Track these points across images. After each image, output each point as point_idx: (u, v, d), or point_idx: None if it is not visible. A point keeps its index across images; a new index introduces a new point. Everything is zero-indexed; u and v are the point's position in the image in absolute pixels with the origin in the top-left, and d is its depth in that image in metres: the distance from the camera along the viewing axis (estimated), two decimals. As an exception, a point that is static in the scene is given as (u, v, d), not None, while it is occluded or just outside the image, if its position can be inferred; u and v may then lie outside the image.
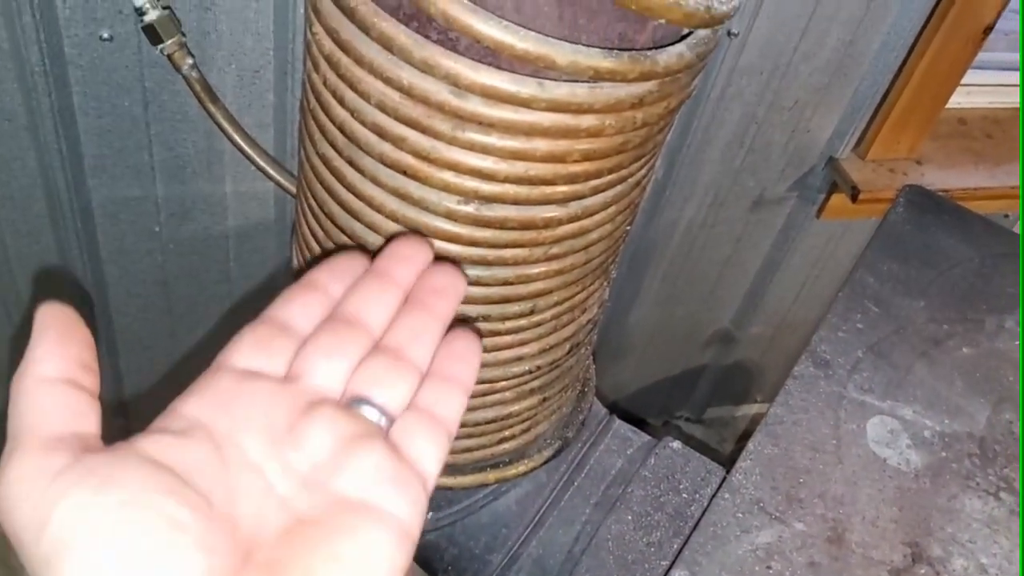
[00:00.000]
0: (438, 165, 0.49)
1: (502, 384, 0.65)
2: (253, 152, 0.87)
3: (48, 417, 0.28)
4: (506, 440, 0.71)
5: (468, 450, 0.69)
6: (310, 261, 0.63)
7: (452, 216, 0.52)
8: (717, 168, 1.31)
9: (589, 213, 0.54)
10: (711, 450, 0.76)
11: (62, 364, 0.29)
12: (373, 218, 0.54)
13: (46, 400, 0.28)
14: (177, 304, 1.26)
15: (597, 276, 0.62)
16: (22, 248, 1.11)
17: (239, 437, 0.30)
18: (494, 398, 0.66)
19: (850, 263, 1.56)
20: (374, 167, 0.52)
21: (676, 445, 0.76)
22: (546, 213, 0.52)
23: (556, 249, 0.55)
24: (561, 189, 0.50)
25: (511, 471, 0.72)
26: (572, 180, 0.50)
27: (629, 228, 0.61)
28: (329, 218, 0.57)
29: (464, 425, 0.67)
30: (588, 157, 0.49)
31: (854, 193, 1.29)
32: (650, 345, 1.68)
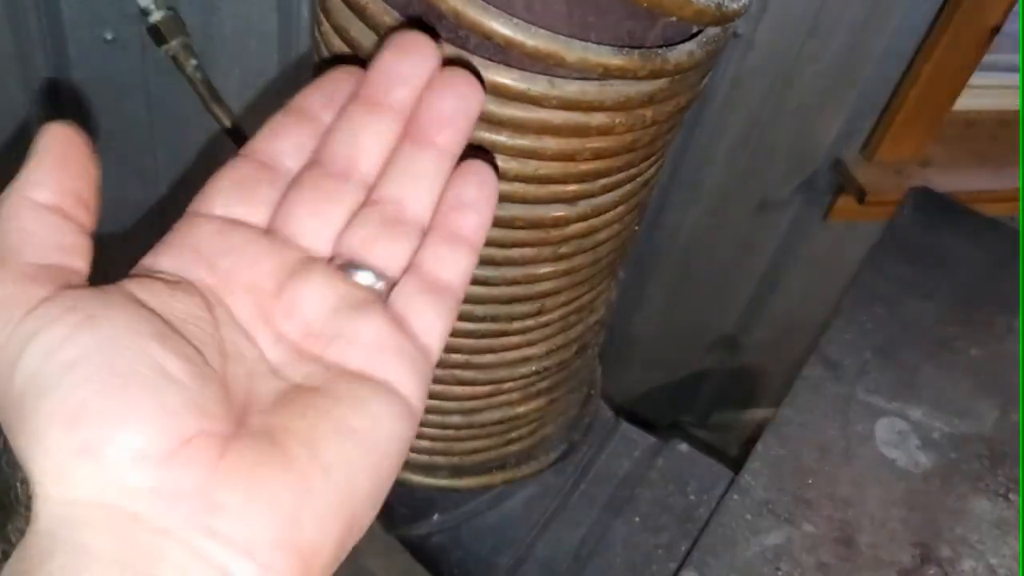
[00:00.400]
0: (447, 164, 0.49)
1: (509, 385, 0.65)
2: (258, 154, 0.87)
3: (33, 243, 0.25)
4: (513, 442, 0.70)
5: (475, 451, 0.69)
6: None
7: (460, 215, 0.52)
8: (722, 171, 1.31)
9: (598, 212, 0.53)
10: (718, 452, 0.76)
11: (57, 191, 0.26)
12: (380, 218, 0.54)
13: (33, 225, 0.25)
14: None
15: (605, 276, 0.62)
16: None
17: (224, 296, 0.27)
18: (501, 399, 0.66)
19: (855, 267, 1.55)
20: (382, 166, 0.51)
21: (683, 447, 0.75)
22: (555, 212, 0.52)
23: (565, 249, 0.55)
24: (571, 188, 0.50)
25: (518, 472, 0.72)
26: (582, 179, 0.50)
27: (638, 228, 0.61)
28: (336, 218, 0.57)
29: (470, 426, 0.67)
30: (598, 155, 0.48)
31: (860, 195, 1.29)
32: (654, 350, 1.67)
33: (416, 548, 0.76)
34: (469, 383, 0.63)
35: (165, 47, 0.83)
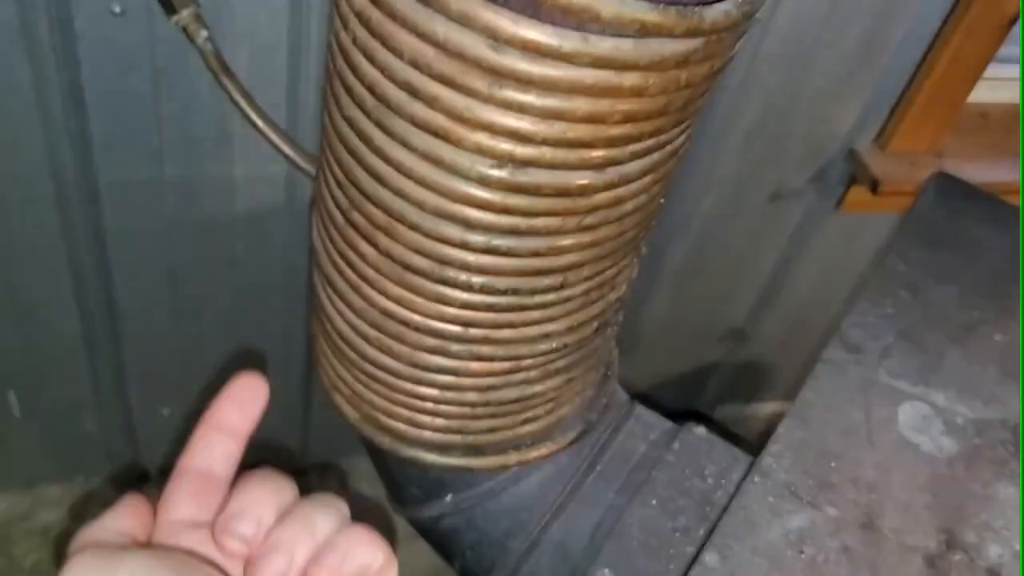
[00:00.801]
0: (472, 126, 0.47)
1: (528, 362, 0.63)
2: (267, 128, 0.86)
3: (101, 534, 0.33)
4: (529, 421, 0.69)
5: (490, 430, 0.67)
6: (331, 233, 0.61)
7: (485, 181, 0.50)
8: (735, 159, 1.29)
9: (626, 181, 0.52)
10: (736, 436, 0.74)
11: (123, 528, 0.34)
12: (401, 184, 0.52)
13: (102, 532, 0.34)
14: (184, 290, 1.24)
15: (628, 251, 0.60)
16: (26, 230, 1.09)
17: None
18: (519, 377, 0.64)
19: (867, 259, 1.54)
20: (404, 129, 0.50)
21: (700, 431, 0.74)
22: (582, 180, 0.50)
23: (590, 219, 0.53)
24: (599, 153, 0.49)
25: (533, 453, 0.71)
26: (611, 143, 0.48)
27: (663, 201, 0.59)
28: (355, 185, 0.55)
29: (487, 404, 0.66)
30: (629, 119, 0.47)
31: (874, 186, 1.28)
32: (661, 341, 1.66)
33: (427, 530, 0.74)
34: (487, 359, 0.61)
35: (175, 17, 0.81)
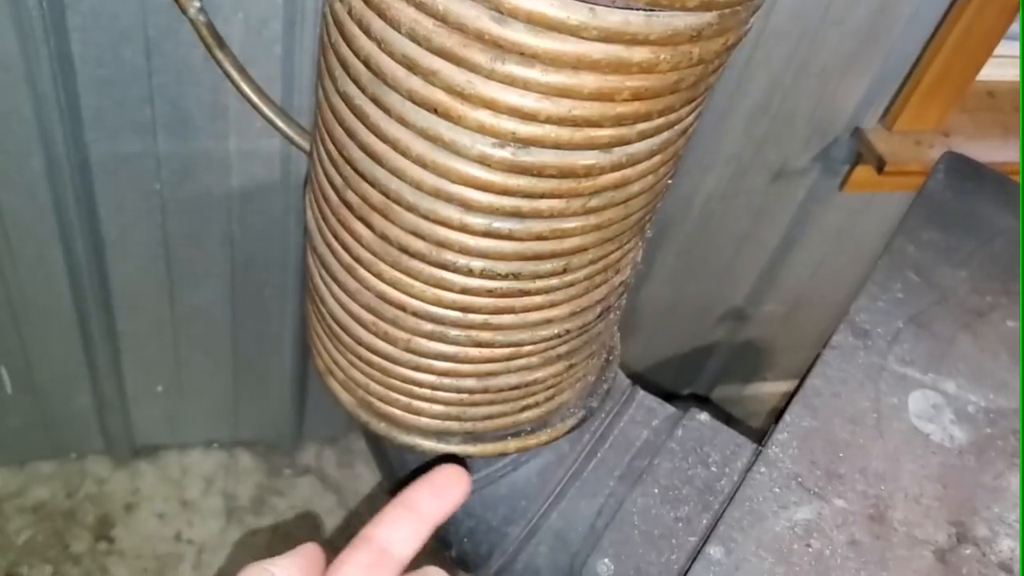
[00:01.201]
0: (473, 103, 0.45)
1: (528, 348, 0.61)
2: (261, 103, 0.83)
3: None
4: (529, 408, 0.67)
5: (489, 417, 0.66)
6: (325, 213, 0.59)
7: (485, 161, 0.48)
8: (739, 137, 1.27)
9: (633, 162, 0.50)
10: (739, 422, 0.73)
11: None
12: (398, 163, 0.50)
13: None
14: (177, 267, 1.22)
15: (634, 234, 0.58)
16: (17, 204, 1.07)
17: None
18: (519, 363, 0.62)
19: (870, 240, 1.52)
20: (401, 105, 0.47)
21: (704, 417, 0.72)
22: (588, 160, 0.48)
23: (595, 201, 0.51)
24: (606, 132, 0.46)
25: (533, 440, 0.69)
26: (619, 122, 0.46)
27: (670, 182, 0.57)
28: (349, 163, 0.53)
29: (486, 391, 0.64)
30: (638, 96, 0.44)
31: (880, 165, 1.25)
32: (660, 321, 1.64)
33: (423, 517, 0.73)
34: (487, 345, 0.59)
35: (166, -13, 0.78)
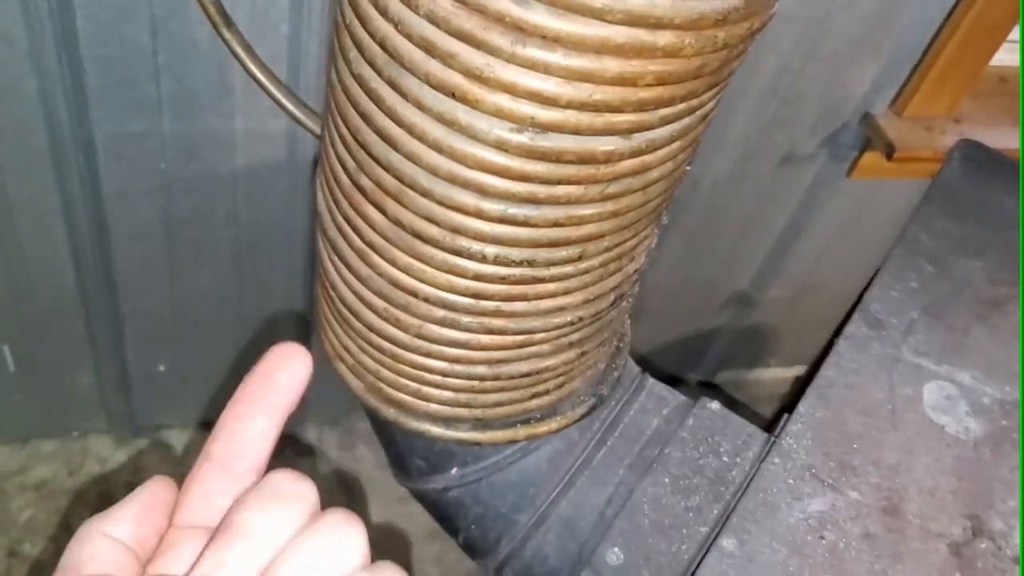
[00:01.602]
0: (491, 86, 0.44)
1: (540, 336, 0.60)
2: (269, 83, 0.82)
3: (97, 559, 0.29)
4: (539, 395, 0.66)
5: (499, 404, 0.65)
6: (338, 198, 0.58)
7: (503, 146, 0.47)
8: (748, 121, 1.25)
9: (653, 148, 0.49)
10: (750, 411, 0.72)
11: (130, 533, 0.30)
12: (413, 147, 0.49)
13: (102, 548, 0.29)
14: (181, 246, 1.21)
15: (650, 221, 0.57)
16: (20, 183, 1.06)
17: None
18: (530, 351, 0.61)
19: (877, 226, 1.51)
20: (418, 88, 0.46)
21: (715, 406, 0.71)
22: (607, 146, 0.47)
23: (613, 188, 0.50)
24: (627, 118, 0.45)
25: (542, 427, 0.68)
26: (641, 107, 0.45)
27: (689, 168, 0.56)
28: (363, 147, 0.52)
29: (496, 378, 0.63)
30: (662, 81, 0.43)
31: (889, 151, 1.24)
32: (666, 305, 1.63)
33: (431, 502, 0.72)
34: (498, 332, 0.58)
35: (172, -37, 0.77)
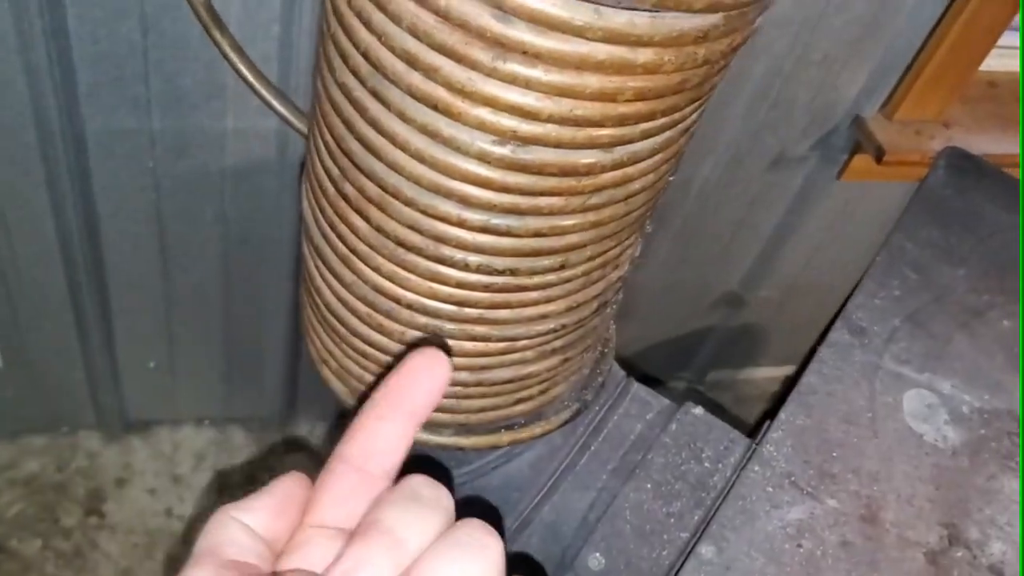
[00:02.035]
0: (473, 100, 0.44)
1: (523, 343, 0.61)
2: (258, 84, 0.82)
3: (235, 544, 0.29)
4: (523, 401, 0.67)
5: (482, 410, 0.65)
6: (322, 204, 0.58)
7: (484, 158, 0.47)
8: (738, 124, 1.26)
9: (634, 160, 0.49)
10: (733, 416, 0.73)
11: (265, 524, 0.30)
12: (396, 157, 0.49)
13: (237, 533, 0.30)
14: (171, 244, 1.21)
15: (633, 231, 0.58)
16: (10, 179, 1.06)
17: None
18: (513, 357, 0.62)
19: (867, 229, 1.52)
20: (401, 100, 0.47)
21: (698, 411, 0.72)
22: (588, 159, 0.48)
23: (595, 199, 0.51)
24: (608, 132, 0.46)
25: (526, 433, 0.69)
26: (621, 122, 0.45)
27: (671, 179, 0.56)
28: (347, 155, 0.52)
29: (479, 384, 0.64)
30: (642, 96, 0.44)
31: (879, 154, 1.25)
32: (655, 306, 1.64)
33: (415, 506, 0.73)
34: (481, 339, 0.59)
35: (161, -36, 0.77)
